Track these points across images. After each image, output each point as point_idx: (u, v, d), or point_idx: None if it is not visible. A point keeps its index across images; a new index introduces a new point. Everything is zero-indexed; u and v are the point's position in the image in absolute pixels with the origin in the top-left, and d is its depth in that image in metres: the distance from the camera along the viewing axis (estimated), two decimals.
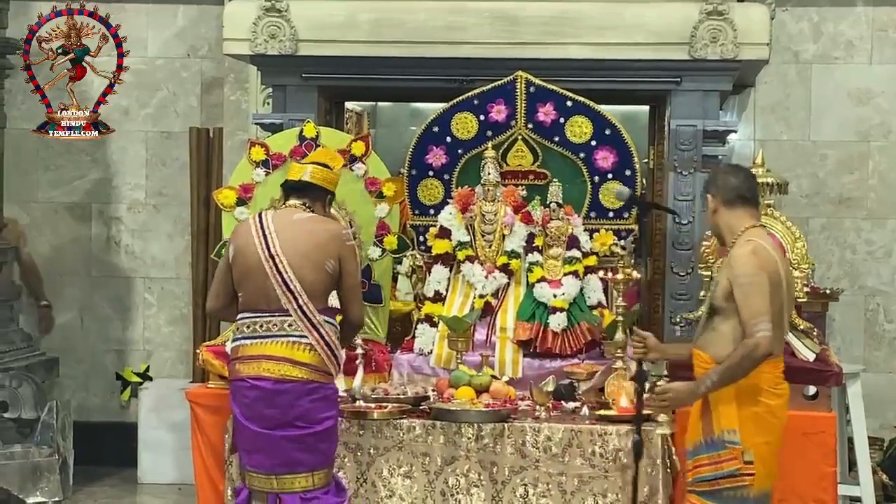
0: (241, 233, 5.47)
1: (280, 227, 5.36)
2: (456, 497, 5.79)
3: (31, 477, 6.80)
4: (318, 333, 5.29)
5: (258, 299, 5.32)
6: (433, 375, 6.48)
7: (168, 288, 9.16)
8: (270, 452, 5.29)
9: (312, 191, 5.50)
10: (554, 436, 5.75)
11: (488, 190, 6.75)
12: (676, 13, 6.99)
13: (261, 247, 5.32)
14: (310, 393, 5.28)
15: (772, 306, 4.98)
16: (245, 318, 5.37)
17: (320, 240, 5.35)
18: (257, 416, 5.29)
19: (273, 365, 5.26)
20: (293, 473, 5.29)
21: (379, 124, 9.26)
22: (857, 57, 8.66)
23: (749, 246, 5.07)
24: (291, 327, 5.28)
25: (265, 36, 7.16)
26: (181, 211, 8.89)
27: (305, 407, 5.27)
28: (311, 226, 5.40)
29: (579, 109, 6.86)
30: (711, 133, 7.07)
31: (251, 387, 5.29)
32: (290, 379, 5.25)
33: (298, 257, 5.29)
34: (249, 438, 5.33)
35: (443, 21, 7.12)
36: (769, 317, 4.95)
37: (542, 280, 6.64)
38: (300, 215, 5.43)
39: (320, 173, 5.53)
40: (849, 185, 8.66)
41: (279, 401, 5.25)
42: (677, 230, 7.02)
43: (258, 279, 5.31)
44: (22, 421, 6.79)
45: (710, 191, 5.26)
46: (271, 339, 5.29)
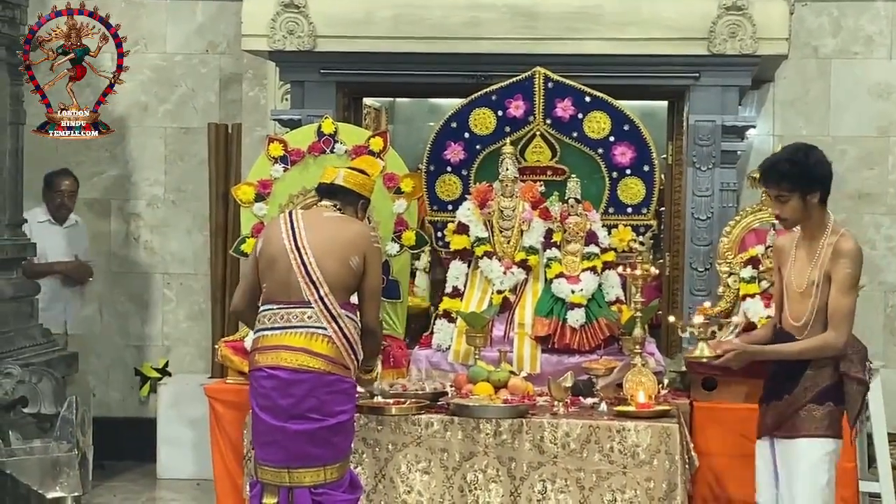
0: (269, 229, 5.56)
1: (308, 222, 5.44)
2: (474, 493, 5.79)
3: (51, 472, 6.81)
4: (337, 325, 5.31)
5: (280, 291, 5.37)
6: (451, 371, 6.49)
7: (187, 283, 9.18)
8: (283, 445, 5.30)
9: (344, 194, 5.57)
10: (572, 432, 5.74)
11: (506, 186, 6.75)
12: (695, 8, 6.98)
13: (287, 239, 5.38)
14: (327, 385, 5.30)
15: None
16: (266, 310, 5.41)
17: (347, 235, 5.40)
18: (272, 407, 5.31)
19: (291, 355, 5.29)
20: (305, 467, 5.30)
21: (397, 120, 9.27)
22: (877, 52, 8.63)
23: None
24: (311, 319, 5.31)
25: (283, 32, 7.17)
26: (200, 207, 8.91)
27: (321, 398, 5.29)
28: (340, 223, 5.47)
29: (597, 105, 6.86)
30: (730, 128, 7.06)
31: (268, 376, 5.32)
32: (307, 369, 5.28)
33: (323, 249, 5.34)
34: (264, 431, 5.36)
35: (461, 17, 7.12)
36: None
37: (560, 276, 6.63)
38: (330, 213, 5.51)
39: (353, 177, 5.60)
40: (868, 180, 8.63)
41: (295, 390, 5.27)
42: (696, 226, 7.01)
43: (282, 270, 5.36)
44: (41, 416, 6.79)
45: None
46: (291, 330, 5.32)
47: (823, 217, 5.21)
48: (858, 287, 5.20)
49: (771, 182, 5.21)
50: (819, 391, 5.17)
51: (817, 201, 5.18)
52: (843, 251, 5.16)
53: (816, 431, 5.14)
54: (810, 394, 5.17)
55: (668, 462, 5.70)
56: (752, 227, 6.53)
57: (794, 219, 5.25)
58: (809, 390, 5.17)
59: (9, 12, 7.22)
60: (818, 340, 5.21)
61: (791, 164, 5.21)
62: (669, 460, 5.71)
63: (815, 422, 5.15)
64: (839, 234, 5.17)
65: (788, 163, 5.24)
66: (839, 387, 5.18)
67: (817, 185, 5.18)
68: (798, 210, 5.19)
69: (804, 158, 5.24)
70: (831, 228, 5.19)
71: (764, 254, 6.35)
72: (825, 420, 5.15)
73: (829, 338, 5.17)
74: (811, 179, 5.17)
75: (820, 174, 5.20)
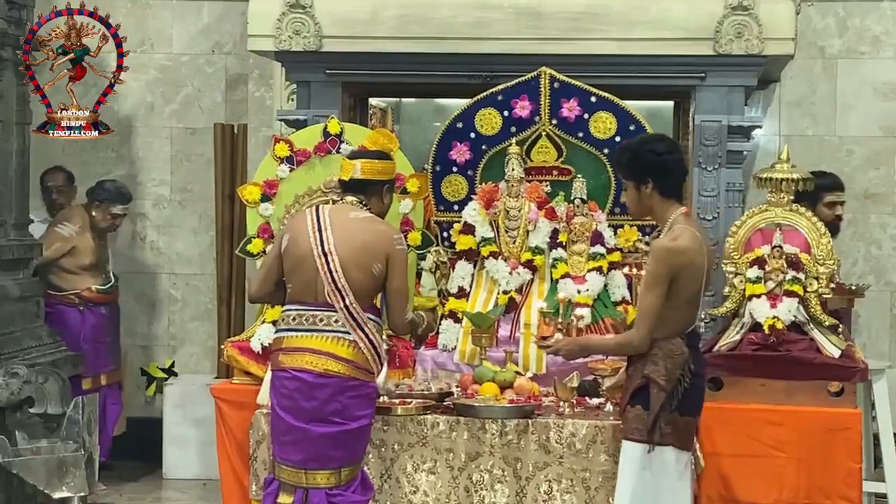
0: (296, 224, 5.51)
1: (336, 223, 5.40)
2: (480, 493, 5.79)
3: (57, 472, 6.81)
4: (363, 332, 5.33)
5: (306, 292, 5.37)
6: (457, 371, 6.49)
7: (193, 284, 9.18)
8: (303, 446, 5.31)
9: (366, 186, 5.53)
10: (578, 432, 5.74)
11: (512, 186, 6.75)
12: (701, 8, 6.97)
13: (315, 241, 5.36)
14: (350, 389, 5.32)
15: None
16: (291, 310, 5.42)
17: (370, 241, 5.38)
18: (295, 408, 5.31)
19: (316, 358, 5.30)
20: (321, 469, 5.32)
21: (403, 120, 9.27)
22: (883, 52, 8.61)
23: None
24: (338, 323, 5.32)
25: (290, 32, 7.17)
26: (206, 207, 8.92)
27: (344, 403, 5.31)
28: (365, 226, 5.42)
29: (603, 105, 6.85)
30: (736, 129, 7.05)
31: (292, 378, 5.32)
32: (332, 374, 5.29)
33: (348, 258, 5.33)
34: (284, 430, 5.36)
35: (467, 17, 7.11)
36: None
37: (566, 276, 6.63)
38: (357, 214, 5.47)
39: (370, 166, 5.56)
40: (875, 180, 8.62)
41: (319, 394, 5.28)
42: (702, 225, 6.99)
43: (308, 273, 5.36)
44: (48, 416, 6.80)
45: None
46: (316, 333, 5.33)
47: (665, 212, 5.13)
48: (662, 285, 4.99)
49: (615, 168, 5.24)
50: (630, 393, 5.12)
51: (654, 192, 5.10)
52: (652, 248, 5.13)
53: (628, 434, 5.12)
54: (627, 395, 5.15)
55: None
56: (758, 228, 6.52)
57: (635, 209, 5.26)
58: (627, 391, 5.14)
59: (15, 13, 7.23)
60: (620, 338, 5.32)
61: (625, 152, 5.22)
62: None
63: (627, 423, 5.11)
64: (673, 230, 5.07)
65: (624, 151, 5.26)
66: (647, 390, 5.06)
67: (648, 175, 5.10)
68: (634, 200, 5.17)
69: (638, 147, 5.20)
70: (671, 225, 5.09)
71: (770, 254, 6.34)
72: (634, 423, 5.08)
73: (628, 336, 5.19)
74: (642, 169, 5.11)
75: (651, 164, 5.09)
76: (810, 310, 6.29)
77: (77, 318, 8.21)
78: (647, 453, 5.00)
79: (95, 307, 8.29)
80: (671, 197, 5.11)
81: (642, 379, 5.02)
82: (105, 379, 8.30)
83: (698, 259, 5.02)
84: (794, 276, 6.28)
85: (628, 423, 5.06)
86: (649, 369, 5.01)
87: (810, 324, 6.29)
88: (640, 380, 5.04)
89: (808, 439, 6.08)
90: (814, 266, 6.35)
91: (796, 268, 6.29)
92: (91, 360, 8.08)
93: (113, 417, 8.42)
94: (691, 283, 5.00)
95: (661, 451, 5.01)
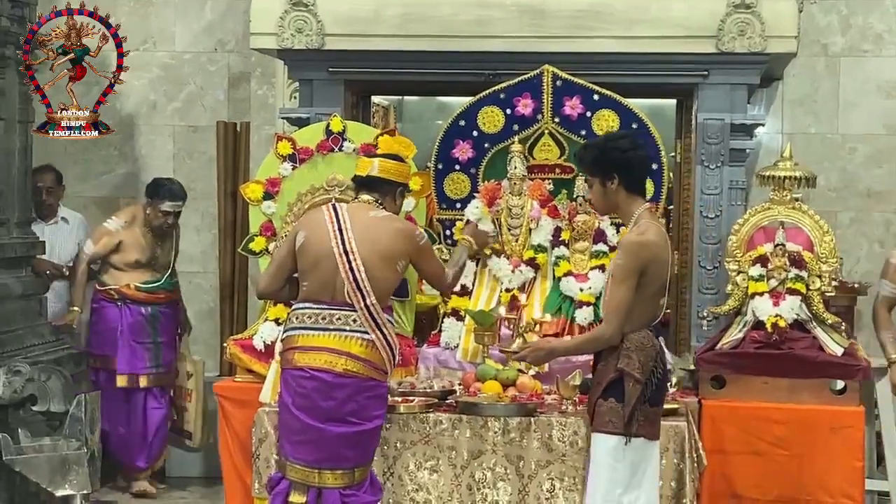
0: (313, 222, 5.46)
1: (355, 222, 5.37)
2: (482, 491, 5.79)
3: (60, 470, 6.81)
4: (382, 332, 5.32)
5: (324, 291, 5.34)
6: (459, 369, 6.48)
7: (195, 282, 9.17)
8: (318, 446, 5.29)
9: (381, 185, 5.51)
10: (580, 430, 5.74)
11: (515, 184, 6.75)
12: (704, 6, 6.98)
13: (335, 241, 5.33)
14: (367, 390, 5.31)
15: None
16: (306, 308, 5.37)
17: (393, 241, 5.37)
18: (311, 407, 5.28)
19: (335, 358, 5.27)
20: (334, 469, 5.30)
21: (405, 118, 9.28)
22: (886, 50, 8.60)
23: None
24: (356, 322, 5.30)
25: (292, 30, 7.18)
26: (208, 205, 8.91)
27: (361, 403, 5.29)
28: (385, 225, 5.41)
29: (606, 103, 6.85)
30: (739, 126, 7.06)
31: (310, 377, 5.28)
32: (351, 374, 5.27)
33: (371, 258, 5.31)
34: (298, 429, 5.32)
35: (469, 15, 7.12)
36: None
37: (568, 274, 6.63)
38: (376, 213, 5.44)
39: (388, 166, 5.55)
40: (878, 178, 8.61)
41: (337, 394, 5.26)
42: (704, 224, 7.01)
43: (327, 272, 5.33)
44: (51, 414, 6.80)
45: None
46: (334, 333, 5.30)
47: (630, 207, 5.13)
48: (633, 278, 4.98)
49: (578, 166, 5.25)
50: (604, 386, 5.09)
51: (619, 188, 5.10)
52: (621, 244, 5.16)
53: (601, 427, 5.08)
54: (600, 389, 5.12)
55: (676, 460, 5.70)
56: (760, 226, 6.53)
57: (600, 205, 5.27)
58: (600, 385, 5.13)
59: (17, 11, 7.23)
60: (591, 333, 5.34)
61: (591, 149, 5.26)
62: (678, 458, 5.70)
63: (600, 416, 5.09)
64: (640, 225, 5.09)
65: (589, 147, 5.31)
66: (621, 383, 5.05)
67: (613, 171, 5.10)
68: (600, 196, 5.18)
69: (603, 143, 5.25)
70: (636, 220, 5.10)
71: (773, 252, 6.34)
72: (607, 416, 5.05)
73: (599, 330, 5.18)
74: (607, 165, 5.11)
75: (616, 160, 5.10)
76: (813, 308, 6.30)
77: (115, 314, 7.99)
78: (624, 445, 5.03)
79: (135, 305, 8.08)
80: (636, 193, 5.15)
81: (616, 372, 5.04)
82: (145, 381, 7.89)
83: (664, 253, 5.09)
84: (796, 274, 6.28)
85: (601, 417, 5.07)
86: (623, 363, 5.02)
87: (813, 322, 6.30)
88: (613, 373, 5.06)
89: (811, 437, 6.09)
90: (816, 264, 6.35)
91: (799, 266, 6.30)
92: (127, 358, 7.91)
93: (155, 422, 8.05)
94: (658, 277, 5.06)
95: (634, 442, 5.05)
